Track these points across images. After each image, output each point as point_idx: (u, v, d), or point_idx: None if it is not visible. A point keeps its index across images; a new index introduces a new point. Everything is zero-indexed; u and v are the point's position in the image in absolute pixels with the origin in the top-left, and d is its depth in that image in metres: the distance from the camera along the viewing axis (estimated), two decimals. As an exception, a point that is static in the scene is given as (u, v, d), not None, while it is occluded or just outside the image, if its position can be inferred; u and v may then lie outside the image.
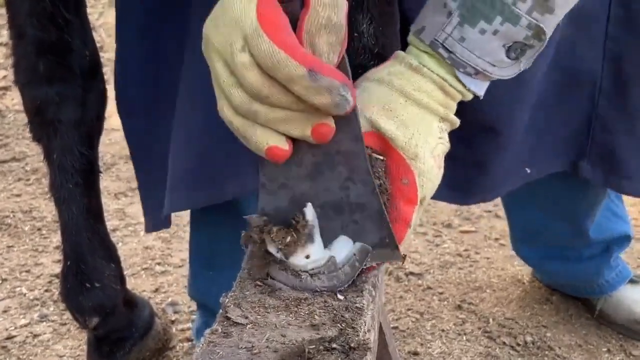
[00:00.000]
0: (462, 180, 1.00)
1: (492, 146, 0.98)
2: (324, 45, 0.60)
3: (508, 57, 0.69)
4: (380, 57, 0.78)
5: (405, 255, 0.68)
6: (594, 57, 0.99)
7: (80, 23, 1.01)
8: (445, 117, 0.71)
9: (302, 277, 0.68)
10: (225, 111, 0.63)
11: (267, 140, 0.62)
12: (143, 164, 1.03)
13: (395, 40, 0.80)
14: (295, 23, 0.60)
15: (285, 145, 0.62)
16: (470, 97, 0.73)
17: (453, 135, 0.95)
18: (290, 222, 0.67)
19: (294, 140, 0.63)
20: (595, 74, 1.00)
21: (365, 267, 0.68)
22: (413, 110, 0.69)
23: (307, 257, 0.67)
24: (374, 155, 0.69)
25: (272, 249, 0.67)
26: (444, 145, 0.72)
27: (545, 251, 1.36)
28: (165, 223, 1.03)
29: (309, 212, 0.66)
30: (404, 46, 0.82)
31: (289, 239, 0.67)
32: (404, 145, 0.68)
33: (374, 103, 0.70)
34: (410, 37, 0.72)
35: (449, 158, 1.00)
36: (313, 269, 0.68)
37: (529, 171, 1.05)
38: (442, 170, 0.72)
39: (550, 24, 0.69)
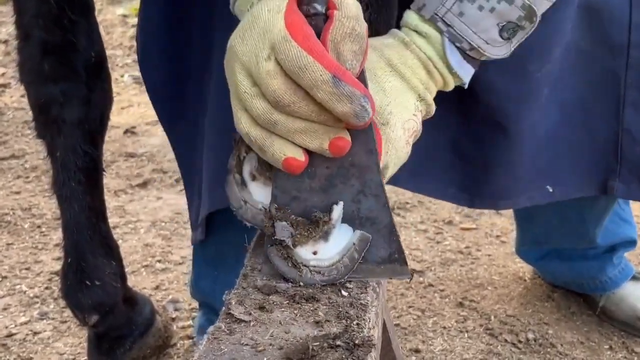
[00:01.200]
0: (471, 181, 0.99)
1: (500, 146, 0.96)
2: (348, 53, 0.62)
3: (501, 36, 0.73)
4: None
5: (414, 273, 0.68)
6: (617, 65, 0.97)
7: (86, 24, 1.02)
8: (423, 96, 0.74)
9: (302, 270, 0.67)
10: (243, 123, 0.64)
11: (284, 152, 0.63)
12: (189, 171, 1.02)
13: (391, 27, 0.81)
14: (319, 36, 0.62)
15: (301, 157, 0.64)
16: (452, 85, 0.75)
17: (461, 131, 0.94)
18: (314, 216, 0.67)
19: (308, 153, 0.64)
20: (619, 83, 0.98)
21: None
22: (395, 82, 0.72)
23: (315, 253, 0.67)
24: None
25: (284, 232, 0.67)
26: (416, 124, 0.73)
27: (548, 252, 1.36)
28: (202, 232, 1.03)
29: (336, 212, 0.67)
30: None
31: (305, 229, 0.67)
32: (378, 109, 0.70)
33: None
34: (405, 16, 0.75)
35: (457, 156, 0.99)
36: (315, 267, 0.68)
37: (551, 190, 1.01)
38: (409, 148, 0.73)
39: (541, 6, 0.73)
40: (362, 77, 0.64)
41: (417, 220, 1.71)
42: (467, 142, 0.97)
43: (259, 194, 0.69)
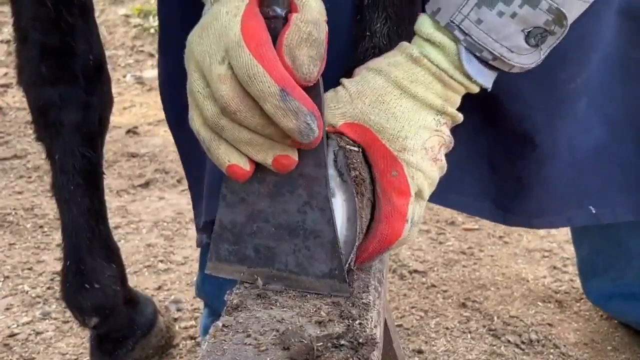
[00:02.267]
0: (504, 197, 0.94)
1: (531, 160, 0.91)
2: (305, 57, 0.60)
3: (527, 43, 0.68)
4: None
5: (353, 290, 0.67)
6: None
7: (85, 27, 1.02)
8: (443, 110, 0.70)
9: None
10: (195, 121, 0.64)
11: (228, 158, 0.63)
12: (193, 170, 1.02)
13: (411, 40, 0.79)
14: (276, 39, 0.61)
15: (246, 166, 0.63)
16: (476, 89, 0.71)
17: (494, 142, 0.89)
18: None
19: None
20: None
21: (353, 259, 0.68)
22: (407, 104, 0.69)
23: None
24: (349, 147, 0.69)
25: None
26: (442, 138, 0.70)
27: (612, 288, 1.26)
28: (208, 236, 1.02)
29: None
30: None
31: None
32: (391, 137, 0.68)
33: (368, 94, 0.69)
34: (419, 22, 0.71)
35: (492, 169, 0.94)
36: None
37: (594, 211, 0.94)
38: (439, 164, 0.70)
39: (572, 8, 0.67)
40: (316, 89, 0.63)
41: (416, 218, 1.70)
42: (500, 154, 0.92)
43: None
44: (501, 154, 0.91)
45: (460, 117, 0.72)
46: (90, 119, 1.05)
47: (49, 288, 1.47)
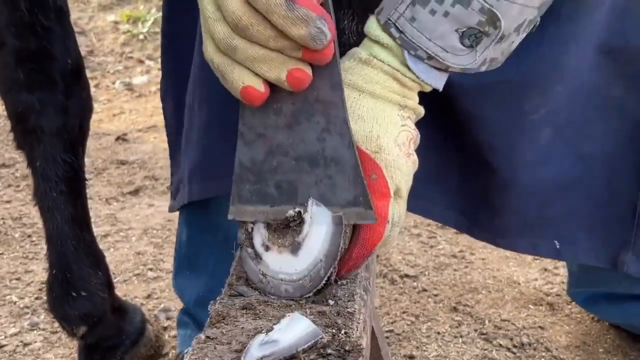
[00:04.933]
0: (472, 210, 0.93)
1: (492, 184, 0.90)
2: None
3: (462, 43, 0.67)
4: None
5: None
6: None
7: (62, 30, 1.01)
8: (405, 104, 0.70)
9: (269, 281, 0.67)
10: (209, 49, 0.63)
11: (243, 80, 0.62)
12: (176, 137, 1.02)
13: None
14: None
15: (261, 87, 0.62)
16: (428, 88, 0.71)
17: (460, 158, 0.88)
18: (286, 218, 0.66)
19: (274, 88, 0.63)
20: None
21: (334, 274, 0.67)
22: (368, 103, 0.68)
23: (282, 267, 0.66)
24: None
25: (257, 240, 0.67)
26: (410, 133, 0.70)
27: (598, 294, 1.25)
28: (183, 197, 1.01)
29: (308, 215, 0.65)
30: None
31: (278, 234, 0.66)
32: (365, 139, 0.67)
33: None
34: (367, 24, 0.71)
35: (460, 180, 0.93)
36: (282, 280, 0.67)
37: (558, 246, 0.93)
38: (412, 159, 0.70)
39: (506, 11, 0.66)
40: (325, 4, 0.62)
41: (411, 225, 1.70)
42: (468, 168, 0.91)
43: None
44: (469, 168, 0.91)
45: (421, 109, 0.72)
46: (70, 124, 1.04)
47: (37, 298, 1.45)
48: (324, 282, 0.66)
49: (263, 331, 0.60)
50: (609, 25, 0.85)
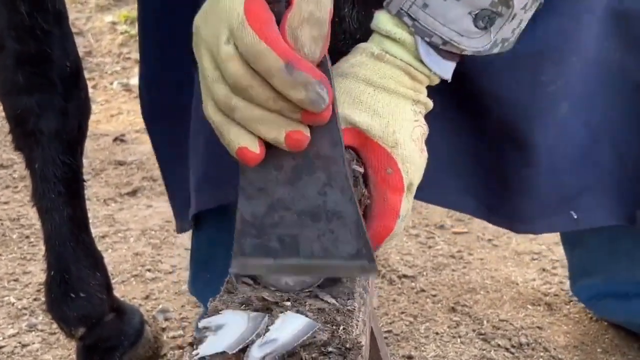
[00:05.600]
0: (489, 196, 0.94)
1: (515, 162, 0.90)
2: (306, 38, 0.61)
3: (476, 26, 0.68)
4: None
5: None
6: None
7: (61, 33, 1.01)
8: (417, 99, 0.71)
9: None
10: (209, 108, 0.64)
11: (239, 140, 0.62)
12: (169, 165, 1.04)
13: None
14: (280, 22, 0.61)
15: (256, 149, 0.62)
16: (436, 80, 0.72)
17: (478, 137, 0.90)
18: None
19: (273, 146, 0.63)
20: None
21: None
22: (384, 98, 0.69)
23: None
24: (353, 167, 0.69)
25: None
26: (422, 128, 0.71)
27: (603, 287, 1.25)
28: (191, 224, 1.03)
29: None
30: None
31: None
32: (382, 134, 0.68)
33: (343, 98, 0.69)
34: (376, 18, 0.71)
35: (475, 166, 0.95)
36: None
37: (575, 216, 0.94)
38: (425, 154, 0.71)
39: None
40: (323, 64, 0.63)
41: (409, 225, 1.70)
42: (484, 152, 0.92)
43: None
44: (485, 151, 0.91)
45: (431, 103, 0.73)
46: (69, 125, 1.04)
47: (35, 299, 1.45)
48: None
49: (259, 331, 0.60)
50: None
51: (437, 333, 1.33)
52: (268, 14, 0.61)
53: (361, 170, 0.69)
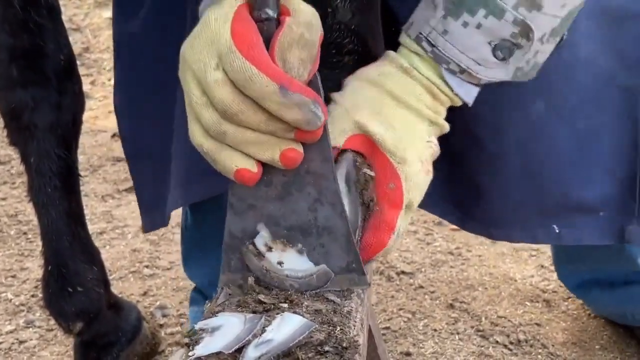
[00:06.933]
0: (464, 199, 0.92)
1: (483, 163, 0.88)
2: (295, 60, 0.60)
3: (495, 56, 0.67)
4: (357, 35, 0.76)
5: (371, 283, 0.67)
6: (634, 84, 0.85)
7: (54, 27, 1.01)
8: (435, 121, 0.71)
9: (272, 275, 0.67)
10: (196, 134, 0.63)
11: (235, 163, 0.62)
12: (138, 164, 1.03)
13: (374, 20, 0.79)
14: (269, 43, 0.61)
15: (254, 168, 0.62)
16: (459, 102, 0.72)
17: (453, 139, 0.88)
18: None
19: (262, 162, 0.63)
20: (635, 105, 0.85)
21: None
22: (402, 114, 0.69)
23: (280, 263, 0.66)
24: (365, 171, 0.69)
25: (259, 241, 0.67)
26: (433, 149, 0.71)
27: (588, 278, 1.23)
28: (164, 221, 1.02)
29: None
30: (387, 39, 0.80)
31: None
32: (392, 148, 0.68)
33: (364, 105, 0.70)
34: (402, 36, 0.72)
35: (451, 169, 0.93)
36: (287, 276, 0.67)
37: (557, 230, 0.90)
38: (430, 175, 0.71)
39: (539, 22, 0.66)
40: (314, 82, 0.62)
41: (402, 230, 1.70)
42: (458, 154, 0.89)
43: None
44: (462, 151, 0.89)
45: (447, 127, 0.73)
46: (63, 119, 1.04)
47: (32, 296, 1.45)
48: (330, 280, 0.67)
49: (255, 331, 0.60)
50: None
51: (435, 330, 1.33)
52: (256, 36, 0.60)
53: (372, 174, 0.69)
